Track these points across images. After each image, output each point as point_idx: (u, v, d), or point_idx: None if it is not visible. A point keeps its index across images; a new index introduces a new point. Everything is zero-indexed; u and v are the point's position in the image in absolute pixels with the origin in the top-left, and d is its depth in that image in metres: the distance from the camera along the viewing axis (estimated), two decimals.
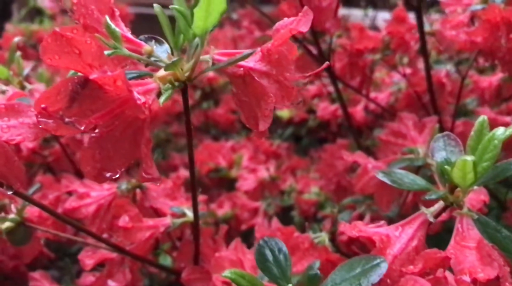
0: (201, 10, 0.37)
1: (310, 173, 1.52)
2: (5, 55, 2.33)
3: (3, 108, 0.51)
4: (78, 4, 0.43)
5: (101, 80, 0.35)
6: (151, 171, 0.38)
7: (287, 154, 1.68)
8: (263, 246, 0.45)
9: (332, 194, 1.19)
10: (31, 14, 2.95)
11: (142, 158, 0.38)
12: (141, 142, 0.38)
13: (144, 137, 0.38)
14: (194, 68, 0.43)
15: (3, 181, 0.51)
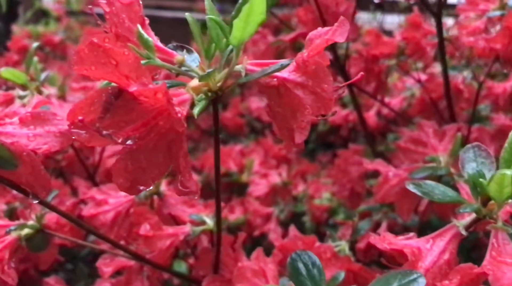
0: (240, 21, 0.36)
1: (320, 178, 1.51)
2: (13, 57, 2.33)
3: (29, 117, 0.51)
4: (111, 13, 0.42)
5: (141, 93, 0.35)
6: (190, 184, 0.37)
7: (296, 158, 1.68)
8: (296, 259, 0.45)
9: (346, 200, 1.18)
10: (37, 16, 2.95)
11: (180, 171, 0.37)
12: (178, 155, 0.37)
13: (182, 150, 0.37)
14: (227, 79, 0.43)
15: (29, 190, 0.51)
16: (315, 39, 0.43)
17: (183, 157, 0.37)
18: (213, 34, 0.44)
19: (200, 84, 0.42)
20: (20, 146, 0.49)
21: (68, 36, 2.44)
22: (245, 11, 0.35)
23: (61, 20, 2.95)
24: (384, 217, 0.94)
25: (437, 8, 0.84)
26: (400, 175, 0.75)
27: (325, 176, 1.56)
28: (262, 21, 0.37)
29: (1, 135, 0.49)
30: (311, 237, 0.70)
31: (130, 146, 0.41)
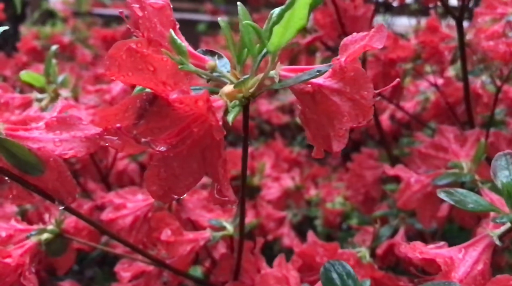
0: (280, 27, 0.35)
1: (332, 182, 1.50)
2: (22, 58, 2.33)
3: (55, 121, 0.50)
4: (143, 18, 0.41)
5: (181, 100, 0.34)
6: (228, 193, 0.36)
7: (306, 161, 1.67)
8: (329, 270, 0.44)
9: (360, 205, 1.17)
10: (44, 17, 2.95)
11: (219, 180, 0.37)
12: (216, 163, 0.37)
13: (221, 158, 0.36)
14: (261, 85, 0.42)
15: (55, 196, 0.50)
16: (351, 45, 0.42)
17: (221, 166, 0.36)
18: (245, 39, 0.43)
19: (234, 90, 0.42)
20: (47, 152, 0.48)
21: (77, 37, 2.44)
22: (287, 17, 0.34)
23: (68, 21, 2.95)
24: (401, 222, 0.93)
25: (459, 12, 0.83)
26: (422, 181, 0.74)
27: (336, 179, 1.55)
28: (302, 26, 0.36)
29: (28, 140, 0.48)
30: (333, 244, 0.69)
31: (163, 153, 0.40)
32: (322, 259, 0.71)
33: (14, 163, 0.47)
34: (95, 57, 2.36)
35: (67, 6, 3.31)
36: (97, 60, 2.32)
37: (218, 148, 0.37)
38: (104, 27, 2.78)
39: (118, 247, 0.85)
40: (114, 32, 2.19)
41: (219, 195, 0.37)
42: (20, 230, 0.70)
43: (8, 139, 0.46)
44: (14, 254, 0.62)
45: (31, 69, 2.18)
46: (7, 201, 1.31)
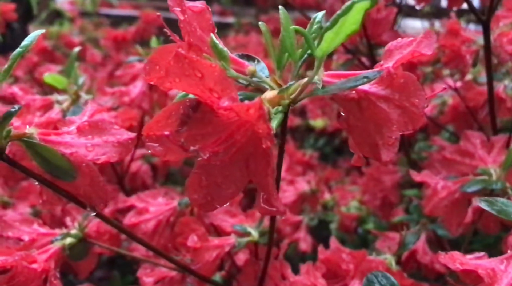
0: (332, 33, 0.34)
1: (345, 185, 1.49)
2: (33, 58, 2.32)
3: (86, 126, 0.49)
4: (185, 22, 0.40)
5: (232, 108, 0.33)
6: (277, 204, 0.35)
7: (318, 164, 1.66)
8: (372, 281, 0.43)
9: (377, 209, 1.16)
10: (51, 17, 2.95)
11: (268, 190, 0.36)
12: (265, 172, 0.36)
13: (270, 167, 0.35)
14: (303, 91, 0.41)
15: (86, 202, 0.49)
16: (396, 51, 0.41)
17: (270, 175, 0.35)
18: (287, 44, 0.42)
19: (276, 96, 0.41)
20: (79, 157, 0.47)
21: (87, 38, 2.43)
22: (341, 22, 0.33)
23: (75, 21, 2.95)
24: (422, 228, 0.92)
25: (486, 16, 0.82)
26: (449, 187, 0.72)
27: (349, 183, 1.54)
28: (353, 31, 0.35)
29: (60, 145, 0.47)
30: (360, 251, 0.68)
31: (204, 160, 0.39)
32: (348, 266, 0.70)
33: (46, 168, 0.46)
34: (104, 58, 2.36)
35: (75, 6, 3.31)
36: (106, 60, 2.32)
37: (266, 157, 0.36)
38: (111, 27, 2.79)
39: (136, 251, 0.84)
40: (125, 32, 2.18)
41: (267, 205, 0.36)
42: (43, 234, 0.69)
43: (42, 144, 0.45)
44: (39, 259, 0.61)
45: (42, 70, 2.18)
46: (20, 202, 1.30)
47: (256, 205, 0.37)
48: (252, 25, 3.26)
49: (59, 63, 2.16)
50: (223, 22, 3.50)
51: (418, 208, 0.98)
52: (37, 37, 0.43)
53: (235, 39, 2.45)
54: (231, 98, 0.33)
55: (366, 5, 0.32)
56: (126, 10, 3.78)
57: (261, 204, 0.36)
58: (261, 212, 0.36)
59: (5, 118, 0.42)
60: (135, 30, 2.27)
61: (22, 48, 0.42)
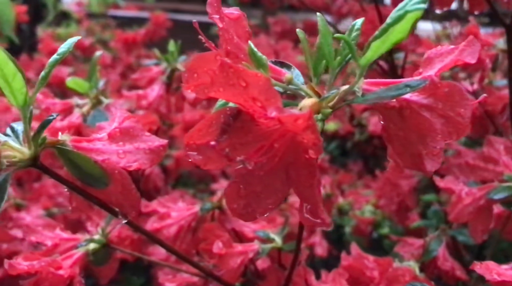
0: (379, 41, 0.34)
1: (357, 189, 1.48)
2: (43, 60, 2.34)
3: (117, 132, 0.49)
4: (223, 29, 0.40)
5: (281, 119, 0.32)
6: (323, 215, 0.35)
7: (330, 167, 1.65)
8: None
9: (393, 214, 1.15)
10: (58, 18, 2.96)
11: (311, 200, 0.35)
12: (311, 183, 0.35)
13: (316, 178, 0.35)
14: (342, 98, 0.40)
15: (118, 209, 0.49)
16: (436, 59, 0.41)
17: (316, 186, 0.35)
18: (325, 51, 0.42)
19: (315, 104, 0.40)
20: (112, 164, 0.47)
21: (97, 39, 2.44)
22: (390, 31, 0.33)
23: (82, 23, 2.96)
24: (442, 234, 0.91)
25: (510, 19, 0.81)
26: (474, 194, 0.72)
27: (362, 186, 1.53)
28: (400, 40, 0.34)
29: (92, 152, 0.47)
30: (386, 258, 0.67)
31: (243, 169, 0.39)
32: (373, 273, 0.69)
33: (78, 175, 0.46)
34: (114, 60, 2.36)
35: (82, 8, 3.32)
36: (116, 62, 2.32)
37: (310, 167, 0.35)
38: (117, 28, 2.79)
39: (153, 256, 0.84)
40: (135, 34, 2.18)
41: (311, 216, 0.35)
42: (66, 239, 0.69)
43: (75, 151, 0.45)
44: (65, 265, 0.61)
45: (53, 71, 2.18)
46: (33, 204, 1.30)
47: (299, 215, 0.36)
48: (259, 27, 3.26)
49: (69, 65, 2.16)
50: None
51: (437, 213, 0.98)
52: (73, 44, 0.42)
53: None
54: (277, 108, 0.32)
55: (418, 15, 0.32)
56: (132, 12, 3.78)
57: (304, 215, 0.36)
58: (305, 223, 0.36)
59: (43, 126, 0.42)
60: (145, 32, 2.27)
61: (58, 55, 0.42)
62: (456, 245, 0.95)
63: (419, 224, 0.98)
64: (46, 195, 1.29)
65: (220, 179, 1.75)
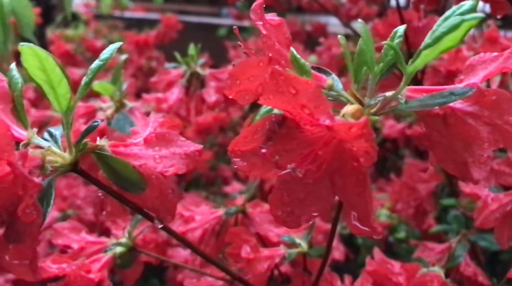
0: (430, 50, 0.34)
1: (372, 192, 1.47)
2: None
3: (153, 137, 0.49)
4: (266, 36, 0.40)
5: (333, 127, 0.32)
6: (375, 224, 0.35)
7: None
8: None
9: (411, 218, 1.14)
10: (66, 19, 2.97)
11: (361, 209, 0.35)
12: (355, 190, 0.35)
13: (366, 186, 0.35)
14: (385, 105, 0.40)
15: (154, 214, 0.49)
16: (478, 66, 0.41)
17: (368, 194, 0.35)
18: (367, 58, 0.41)
19: (357, 111, 0.40)
20: (149, 169, 0.47)
21: (109, 41, 2.45)
22: (444, 40, 0.33)
23: (90, 24, 2.97)
24: (463, 239, 0.90)
25: None
26: (501, 200, 0.71)
27: (376, 190, 1.52)
28: (449, 48, 0.34)
29: (129, 156, 0.47)
30: (413, 264, 0.67)
31: (286, 176, 0.39)
32: (399, 279, 0.69)
33: (115, 180, 0.46)
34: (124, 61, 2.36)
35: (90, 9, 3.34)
36: (127, 64, 2.33)
37: (360, 175, 0.35)
38: (125, 30, 2.80)
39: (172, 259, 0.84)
40: (147, 37, 2.19)
41: (362, 224, 0.35)
42: (91, 242, 0.69)
43: (114, 156, 0.45)
44: (93, 269, 0.61)
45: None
46: None
47: (348, 223, 0.36)
48: None
49: (81, 66, 2.17)
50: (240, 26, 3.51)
51: (457, 218, 0.97)
52: (115, 50, 0.43)
53: (255, 43, 2.45)
54: (329, 116, 0.32)
55: (474, 23, 0.32)
56: (139, 13, 3.80)
57: (352, 222, 0.36)
58: (354, 231, 0.36)
59: (87, 132, 0.42)
60: (156, 34, 2.28)
61: (102, 61, 0.42)
62: (475, 250, 0.94)
63: (439, 229, 0.98)
64: (59, 196, 1.30)
65: (232, 182, 1.75)
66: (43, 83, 0.39)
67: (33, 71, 0.38)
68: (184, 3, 5.12)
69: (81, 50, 2.31)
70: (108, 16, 3.14)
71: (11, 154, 0.33)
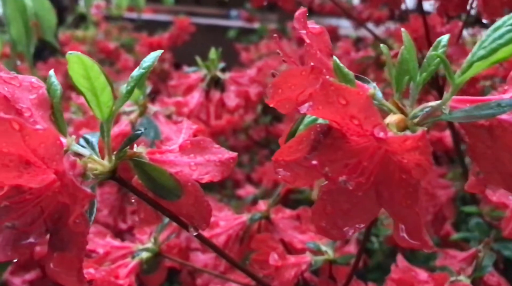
0: (482, 62, 0.33)
1: None
2: None
3: (188, 144, 0.49)
4: (309, 45, 0.40)
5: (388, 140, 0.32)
6: (425, 238, 0.34)
7: None
8: None
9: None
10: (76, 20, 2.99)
11: (408, 221, 0.35)
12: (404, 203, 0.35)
13: (417, 199, 0.34)
14: (430, 115, 0.40)
15: (188, 221, 0.49)
16: None
17: (418, 207, 0.34)
18: (409, 67, 0.41)
19: (401, 121, 0.40)
20: (185, 176, 0.47)
21: (122, 44, 2.46)
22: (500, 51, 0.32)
23: (100, 25, 2.99)
24: (486, 248, 0.89)
25: None
26: None
27: None
28: (501, 60, 0.34)
29: (165, 164, 0.47)
30: (442, 274, 0.66)
31: (329, 186, 0.38)
32: None
33: (152, 187, 0.46)
34: (136, 63, 2.37)
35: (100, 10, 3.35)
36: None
37: (409, 187, 0.35)
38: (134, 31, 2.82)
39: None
40: (160, 39, 2.20)
41: (411, 237, 0.35)
42: (117, 247, 0.69)
43: (151, 163, 0.45)
44: (121, 274, 0.61)
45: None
46: None
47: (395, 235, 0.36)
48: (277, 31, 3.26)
49: None
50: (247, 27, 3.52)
51: (479, 226, 0.96)
52: (157, 58, 0.42)
53: (267, 45, 2.45)
54: (382, 128, 0.32)
55: None
56: (148, 14, 3.82)
57: (400, 235, 0.35)
58: (401, 244, 0.35)
59: (130, 140, 0.42)
60: (169, 36, 2.28)
61: (144, 69, 0.42)
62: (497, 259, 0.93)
63: (460, 237, 0.97)
64: None
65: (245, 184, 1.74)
66: (86, 90, 0.39)
67: (77, 79, 0.38)
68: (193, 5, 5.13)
69: (94, 51, 2.32)
70: (118, 18, 3.16)
71: (60, 163, 0.33)
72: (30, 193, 0.35)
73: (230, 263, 0.62)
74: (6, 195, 0.35)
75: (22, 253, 0.34)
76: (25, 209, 0.35)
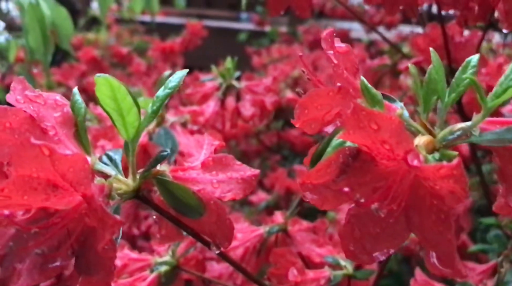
0: None
1: None
2: (81, 67, 2.34)
3: (211, 161, 0.48)
4: (336, 66, 0.39)
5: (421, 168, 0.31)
6: (459, 266, 0.33)
7: None
8: None
9: None
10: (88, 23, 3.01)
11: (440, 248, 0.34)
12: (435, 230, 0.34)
13: (450, 227, 0.34)
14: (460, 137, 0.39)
15: (210, 239, 0.48)
16: None
17: (452, 235, 0.33)
18: (438, 87, 0.40)
19: (430, 142, 0.39)
20: (207, 194, 0.46)
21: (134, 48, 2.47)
22: None
23: (111, 28, 3.00)
24: (505, 260, 0.88)
25: None
26: None
27: None
28: None
29: (188, 181, 0.46)
30: None
31: (356, 210, 0.38)
32: None
33: (175, 205, 0.46)
34: (149, 67, 2.38)
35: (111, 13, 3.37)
36: (151, 70, 2.34)
37: (441, 213, 0.34)
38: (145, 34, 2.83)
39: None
40: (173, 44, 2.20)
41: (443, 265, 0.34)
42: (134, 259, 0.69)
43: (175, 182, 0.45)
44: None
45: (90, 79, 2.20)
46: None
47: (426, 261, 0.35)
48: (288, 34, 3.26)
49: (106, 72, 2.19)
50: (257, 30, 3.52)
51: (498, 238, 0.95)
52: (183, 78, 0.42)
53: (279, 50, 2.44)
54: (415, 154, 0.31)
55: None
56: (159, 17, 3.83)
57: (431, 261, 0.35)
58: (433, 271, 0.35)
59: (157, 161, 0.42)
60: (181, 41, 2.29)
61: (170, 89, 0.41)
62: None
63: (478, 248, 0.95)
64: None
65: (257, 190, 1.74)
66: (112, 111, 0.39)
67: (104, 100, 0.38)
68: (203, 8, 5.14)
69: (107, 55, 2.33)
70: (129, 21, 3.17)
71: (89, 187, 0.32)
72: (57, 216, 0.35)
73: (248, 277, 0.61)
74: (33, 218, 0.35)
75: (49, 277, 0.34)
76: (52, 232, 0.35)
